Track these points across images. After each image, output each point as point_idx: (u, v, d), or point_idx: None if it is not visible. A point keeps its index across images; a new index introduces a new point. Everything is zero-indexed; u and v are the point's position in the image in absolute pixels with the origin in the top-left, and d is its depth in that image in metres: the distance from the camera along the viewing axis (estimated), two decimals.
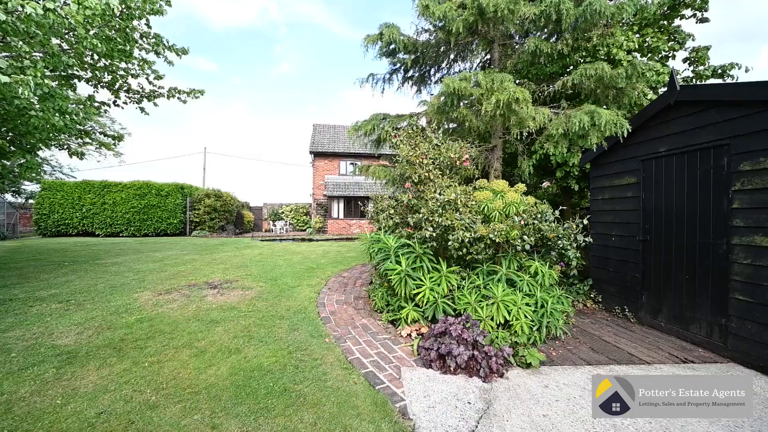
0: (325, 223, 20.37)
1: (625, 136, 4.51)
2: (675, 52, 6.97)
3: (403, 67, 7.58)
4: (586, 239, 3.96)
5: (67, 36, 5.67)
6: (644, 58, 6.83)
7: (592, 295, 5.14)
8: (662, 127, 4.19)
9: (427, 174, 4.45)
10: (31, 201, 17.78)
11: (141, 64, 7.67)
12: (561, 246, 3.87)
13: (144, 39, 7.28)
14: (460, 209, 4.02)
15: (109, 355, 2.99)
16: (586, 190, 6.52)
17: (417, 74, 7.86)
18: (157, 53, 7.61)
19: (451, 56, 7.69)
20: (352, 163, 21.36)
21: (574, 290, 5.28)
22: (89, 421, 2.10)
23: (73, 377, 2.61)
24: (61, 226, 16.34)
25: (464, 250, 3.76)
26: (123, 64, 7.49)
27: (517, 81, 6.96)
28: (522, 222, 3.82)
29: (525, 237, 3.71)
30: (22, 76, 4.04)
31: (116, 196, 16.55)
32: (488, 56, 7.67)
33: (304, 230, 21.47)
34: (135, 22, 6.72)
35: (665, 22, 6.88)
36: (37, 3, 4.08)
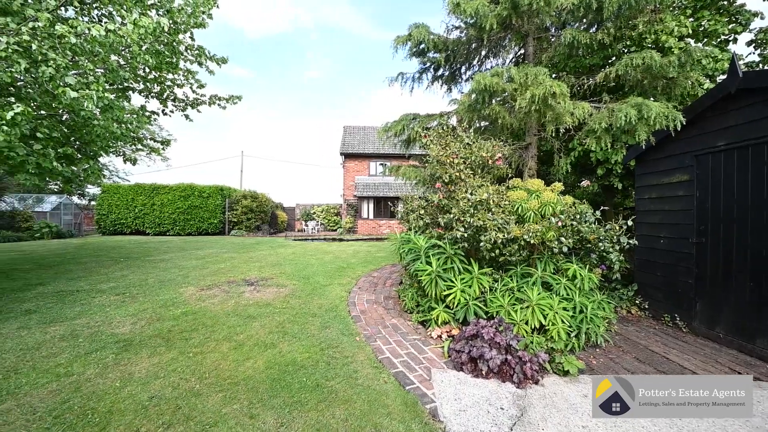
0: (355, 223, 20.66)
1: (678, 129, 4.16)
2: (737, 35, 6.30)
3: (432, 66, 7.52)
4: (631, 241, 3.70)
5: (123, 53, 6.21)
6: (699, 44, 6.25)
7: (637, 301, 4.79)
8: (721, 118, 3.82)
9: (458, 174, 4.39)
10: (92, 203, 19.64)
11: (186, 74, 8.22)
12: (602, 248, 3.65)
13: (188, 51, 7.79)
14: (493, 209, 3.92)
15: (159, 345, 3.24)
16: (630, 189, 6.09)
17: (447, 72, 7.76)
18: (200, 63, 8.12)
19: (483, 53, 7.52)
20: (382, 164, 21.49)
21: (616, 295, 4.95)
22: (143, 404, 2.29)
23: (129, 363, 2.86)
24: (117, 225, 17.91)
25: (497, 251, 3.66)
26: (170, 75, 8.08)
27: (554, 75, 6.65)
28: (559, 223, 3.65)
29: (562, 239, 3.54)
30: (87, 90, 4.49)
31: (164, 198, 17.86)
32: (522, 51, 7.41)
33: (335, 230, 21.92)
34: (180, 36, 7.22)
35: (725, 2, 6.23)
36: (101, 25, 4.52)
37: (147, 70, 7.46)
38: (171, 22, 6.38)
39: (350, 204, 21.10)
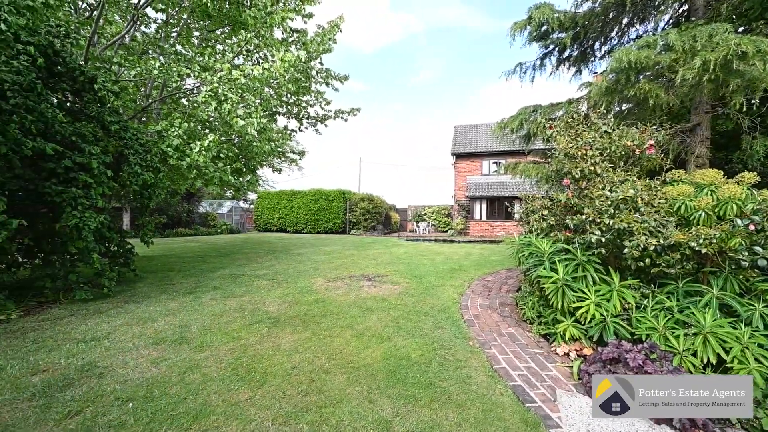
0: (466, 224, 20.07)
1: None
2: None
3: (557, 48, 6.68)
4: None
5: (273, 84, 7.66)
6: None
7: None
8: None
9: (592, 168, 3.77)
10: (251, 206, 24.88)
11: (316, 95, 9.57)
12: None
13: (318, 75, 9.04)
14: (641, 209, 3.21)
15: (298, 325, 3.86)
16: None
17: (576, 53, 6.77)
18: (327, 83, 9.33)
19: (624, 21, 6.27)
20: (496, 162, 20.23)
21: None
22: (287, 372, 2.76)
23: (277, 337, 3.50)
24: (267, 223, 22.16)
25: (647, 260, 2.98)
26: (304, 98, 9.55)
27: (742, 28, 5.00)
28: (751, 226, 2.72)
29: (757, 248, 2.62)
30: (250, 119, 5.73)
31: (299, 201, 21.18)
32: (685, 6, 5.84)
33: (446, 231, 21.76)
34: (312, 63, 8.45)
35: None
36: (259, 66, 5.70)
37: (288, 96, 9.01)
38: (306, 53, 7.53)
39: (461, 205, 20.60)
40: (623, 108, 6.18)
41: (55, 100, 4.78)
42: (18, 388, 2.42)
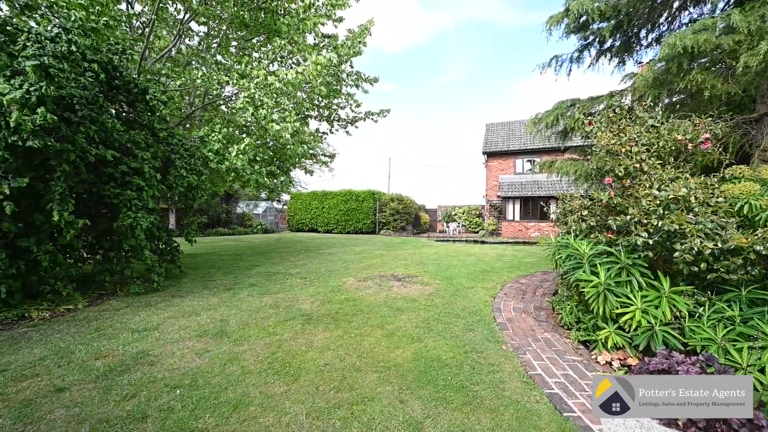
0: (498, 225, 19.49)
1: None
2: None
3: (597, 39, 6.32)
4: None
5: (305, 88, 7.91)
6: None
7: None
8: None
9: (637, 165, 3.52)
10: (285, 207, 25.79)
11: (346, 97, 9.73)
12: None
13: (349, 77, 9.19)
14: (695, 209, 2.96)
15: (329, 323, 3.95)
16: None
17: (618, 43, 6.37)
18: (357, 86, 9.46)
19: (675, 4, 5.80)
20: (530, 160, 19.45)
21: None
22: (320, 368, 2.84)
23: (310, 333, 3.61)
24: (299, 223, 22.85)
25: (703, 264, 2.74)
26: (335, 100, 9.75)
27: None
28: None
29: None
30: (284, 123, 5.94)
31: (330, 202, 21.63)
32: None
33: (476, 232, 21.26)
34: (342, 66, 8.61)
35: None
36: (293, 70, 5.91)
37: (320, 99, 9.25)
38: (337, 56, 7.69)
39: (493, 205, 20.03)
40: (674, 99, 5.71)
41: (113, 111, 5.25)
42: (85, 371, 2.69)
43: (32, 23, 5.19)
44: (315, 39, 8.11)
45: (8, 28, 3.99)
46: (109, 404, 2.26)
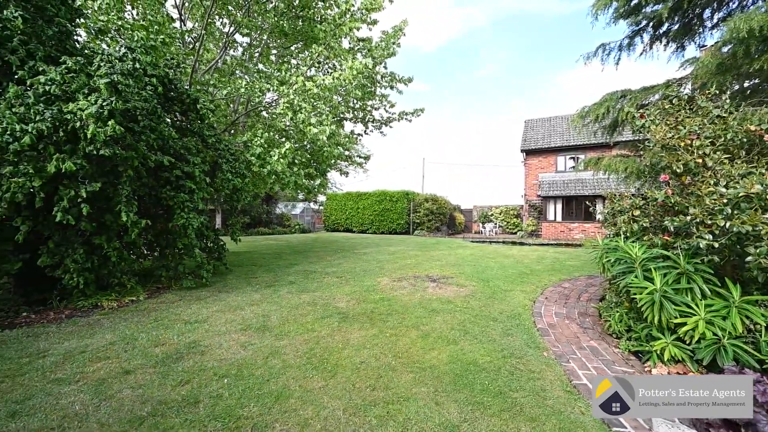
0: (538, 225, 18.60)
1: None
2: None
3: (651, 24, 5.82)
4: None
5: (341, 91, 8.09)
6: None
7: None
8: None
9: (699, 160, 3.20)
10: (321, 207, 26.58)
11: (380, 98, 9.81)
12: None
13: (383, 79, 9.26)
14: None
15: (365, 321, 4.01)
16: None
17: (676, 26, 5.82)
18: (391, 87, 9.50)
19: None
20: (573, 158, 18.35)
21: None
22: (356, 366, 2.90)
23: (346, 332, 3.69)
24: (335, 224, 23.40)
25: None
26: (370, 102, 9.87)
27: None
28: None
29: None
30: (321, 126, 6.13)
31: (364, 202, 21.92)
32: None
33: (514, 233, 20.45)
34: (377, 68, 8.70)
35: None
36: (329, 75, 6.08)
37: (355, 101, 9.41)
38: (372, 60, 7.79)
39: (533, 205, 19.15)
40: (745, 85, 5.11)
41: (169, 120, 5.74)
42: (146, 356, 2.98)
43: (104, 45, 5.82)
44: (350, 43, 8.28)
45: (86, 51, 4.52)
46: (166, 388, 2.48)
